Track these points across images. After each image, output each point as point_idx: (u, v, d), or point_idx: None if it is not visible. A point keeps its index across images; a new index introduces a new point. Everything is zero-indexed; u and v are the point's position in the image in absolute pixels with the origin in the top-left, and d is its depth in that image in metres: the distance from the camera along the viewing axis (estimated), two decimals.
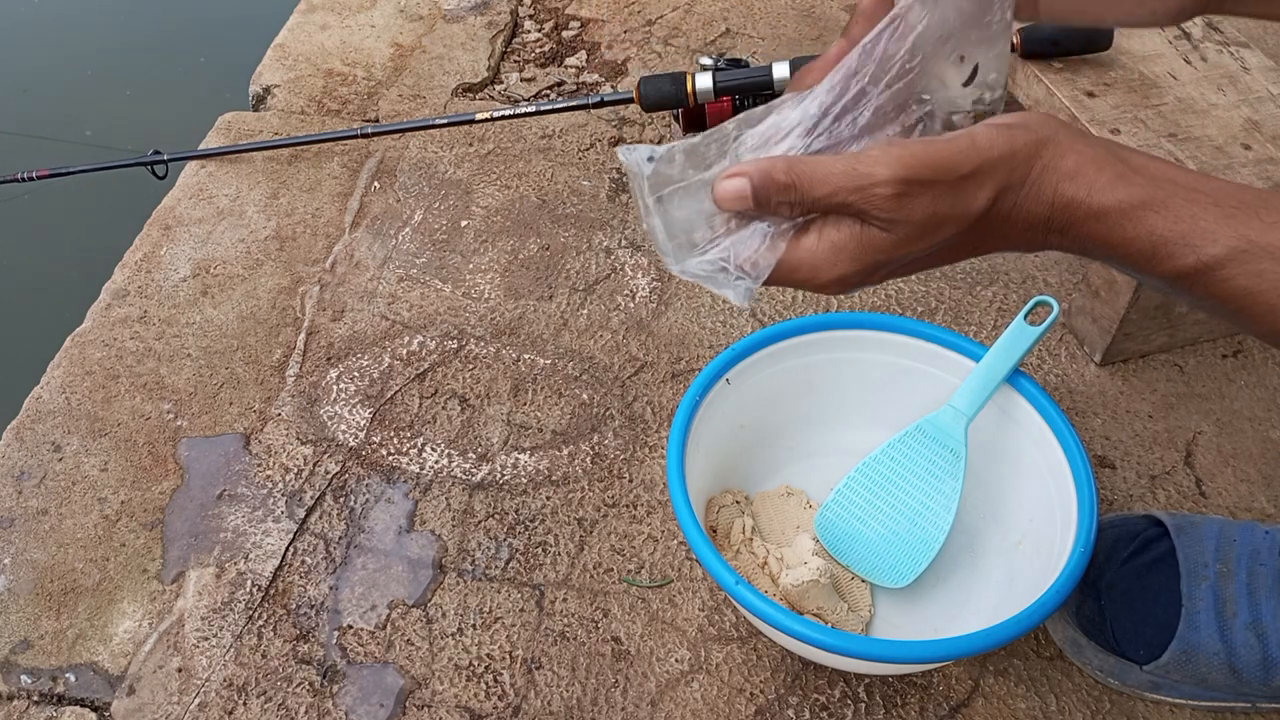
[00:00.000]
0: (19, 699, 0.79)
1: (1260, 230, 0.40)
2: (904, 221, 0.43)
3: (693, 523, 0.70)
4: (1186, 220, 0.40)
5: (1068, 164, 0.42)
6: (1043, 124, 0.44)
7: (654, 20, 1.47)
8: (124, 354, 1.03)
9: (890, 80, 0.45)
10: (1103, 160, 0.42)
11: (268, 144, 1.23)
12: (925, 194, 0.42)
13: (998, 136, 0.43)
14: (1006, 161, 0.42)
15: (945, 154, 0.42)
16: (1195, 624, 0.72)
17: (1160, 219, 0.41)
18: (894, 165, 0.42)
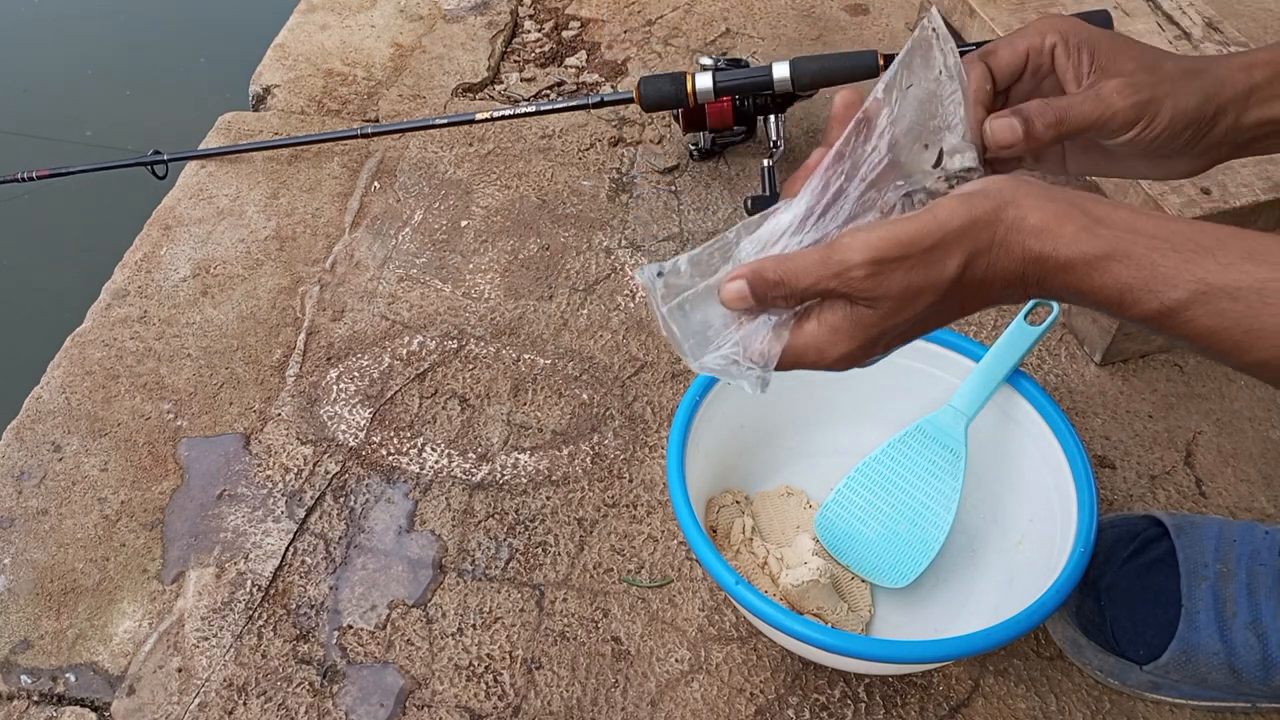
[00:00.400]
0: (19, 699, 0.79)
1: (1217, 272, 0.42)
2: (884, 297, 0.47)
3: (693, 523, 0.70)
4: (1148, 268, 0.43)
5: (1032, 221, 0.46)
6: (1003, 188, 0.47)
7: (654, 20, 1.47)
8: (124, 354, 1.03)
9: (864, 175, 0.51)
10: (1065, 214, 0.45)
11: (268, 144, 1.23)
12: (898, 270, 0.46)
13: (958, 207, 0.46)
14: (969, 230, 0.46)
15: (909, 231, 0.46)
16: (1195, 624, 0.72)
17: (1124, 268, 0.44)
18: (864, 250, 0.46)
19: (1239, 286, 0.42)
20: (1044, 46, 0.58)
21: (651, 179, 1.22)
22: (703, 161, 1.23)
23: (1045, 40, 0.58)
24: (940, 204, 0.47)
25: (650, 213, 1.17)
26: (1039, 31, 0.59)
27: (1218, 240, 0.43)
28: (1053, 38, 0.58)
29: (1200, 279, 0.42)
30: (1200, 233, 0.44)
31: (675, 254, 1.12)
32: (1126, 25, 1.03)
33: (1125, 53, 0.58)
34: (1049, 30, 0.58)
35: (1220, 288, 0.42)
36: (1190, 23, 1.04)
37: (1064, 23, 0.59)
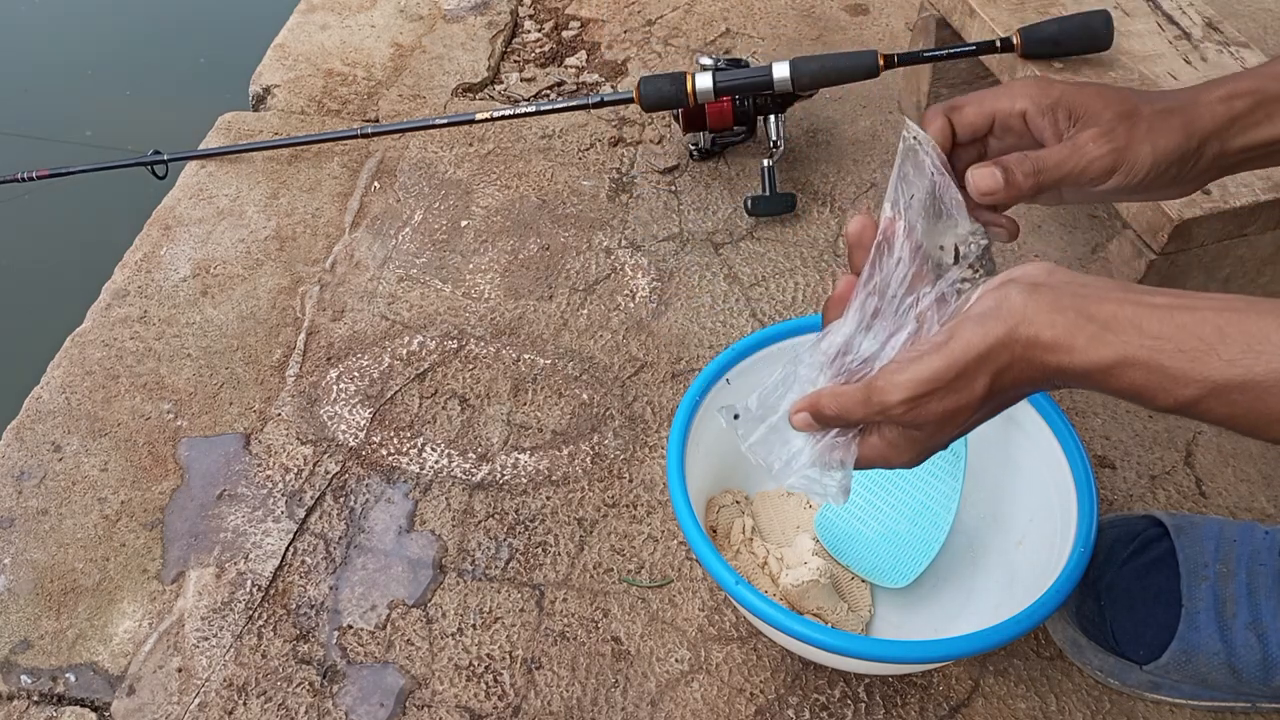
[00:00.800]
0: (19, 699, 0.79)
1: (1222, 369, 0.45)
2: (926, 423, 0.53)
3: (693, 523, 0.70)
4: (1157, 371, 0.46)
5: (1045, 338, 0.49)
6: (1014, 307, 0.50)
7: (654, 20, 1.47)
8: (124, 354, 1.03)
9: (895, 291, 0.57)
10: (1075, 326, 0.48)
11: (268, 144, 1.23)
12: (931, 400, 0.51)
13: (975, 333, 0.50)
14: (988, 355, 0.50)
15: (935, 368, 0.50)
16: (1195, 624, 0.72)
17: (1136, 372, 0.47)
18: (898, 390, 0.51)
19: (1244, 381, 0.44)
20: (1012, 110, 0.60)
21: (651, 179, 1.22)
22: (703, 161, 1.23)
23: (1015, 105, 0.60)
24: (960, 332, 0.50)
25: (650, 213, 1.17)
26: (1009, 96, 0.60)
27: (1219, 333, 0.45)
28: (1022, 103, 0.60)
29: (1206, 378, 0.45)
30: (1201, 324, 0.46)
31: (676, 254, 1.12)
32: (1126, 25, 1.03)
33: (1102, 103, 0.59)
34: (1019, 96, 0.60)
35: (1227, 384, 0.45)
36: (1190, 23, 1.04)
37: (1034, 87, 0.60)
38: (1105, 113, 0.59)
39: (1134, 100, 0.60)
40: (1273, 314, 0.45)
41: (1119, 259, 0.92)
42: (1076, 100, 0.59)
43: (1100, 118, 0.59)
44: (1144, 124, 0.59)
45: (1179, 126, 0.59)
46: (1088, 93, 0.60)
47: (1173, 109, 0.60)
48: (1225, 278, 0.94)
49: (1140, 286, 0.50)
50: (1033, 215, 1.15)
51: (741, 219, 1.16)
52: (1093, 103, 0.59)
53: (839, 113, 1.30)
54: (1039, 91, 0.60)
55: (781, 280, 1.09)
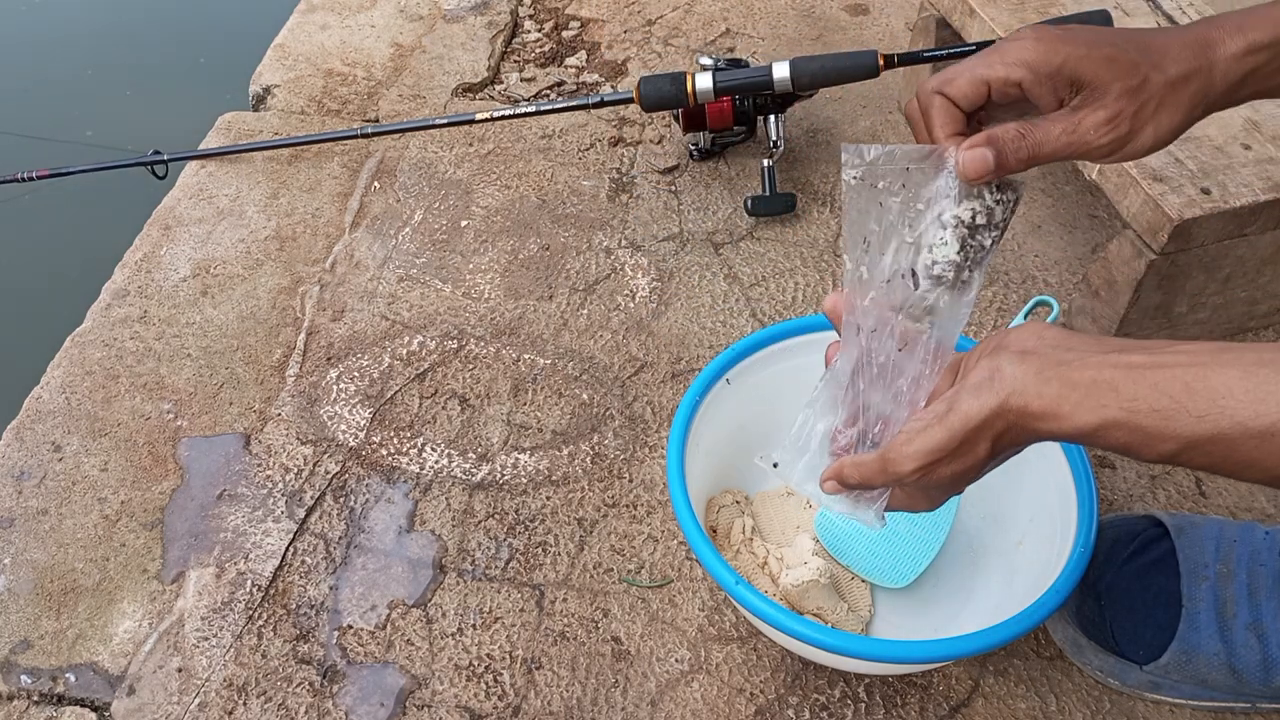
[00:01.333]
0: (19, 699, 0.79)
1: (1192, 425, 0.48)
2: (936, 486, 0.57)
3: (693, 523, 0.70)
4: (1137, 432, 0.49)
5: (1034, 409, 0.51)
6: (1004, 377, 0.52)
7: (654, 20, 1.47)
8: (124, 354, 1.03)
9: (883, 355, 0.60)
10: (1060, 397, 0.51)
11: (268, 144, 1.23)
12: (940, 466, 0.55)
13: (971, 405, 0.53)
14: (985, 424, 0.53)
15: (939, 440, 0.54)
16: (1195, 624, 0.72)
17: (1119, 433, 0.50)
18: (909, 461, 0.55)
19: (1214, 435, 0.47)
20: (1007, 80, 0.58)
21: (651, 179, 1.22)
22: (703, 161, 1.23)
23: (1010, 74, 0.58)
24: (958, 404, 0.53)
25: (650, 213, 1.17)
26: (1005, 62, 0.58)
27: (1187, 390, 0.48)
28: (1018, 71, 0.58)
29: (1179, 435, 0.48)
30: (1171, 382, 0.48)
31: (676, 254, 1.12)
32: (1126, 25, 1.03)
33: (1110, 73, 0.57)
34: (1016, 62, 0.58)
35: (1199, 438, 0.47)
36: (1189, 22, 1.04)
37: (1034, 51, 0.58)
38: (1112, 85, 0.57)
39: (1144, 67, 0.57)
40: (1235, 365, 0.47)
41: (1119, 259, 0.92)
42: (1080, 69, 0.57)
43: (1106, 91, 0.57)
44: (1153, 101, 0.57)
45: (1186, 100, 0.58)
46: (1094, 60, 0.57)
47: (1188, 76, 0.58)
48: (1225, 278, 0.94)
49: (1119, 343, 0.52)
50: (1032, 215, 1.15)
51: (741, 219, 1.16)
52: (1099, 72, 0.57)
53: (839, 113, 1.30)
54: (1038, 58, 0.58)
55: (781, 280, 1.09)
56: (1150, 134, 0.58)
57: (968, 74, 0.59)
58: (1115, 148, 0.58)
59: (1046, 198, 1.17)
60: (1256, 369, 0.47)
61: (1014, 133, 0.57)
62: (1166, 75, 0.58)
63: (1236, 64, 0.58)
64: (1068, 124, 0.57)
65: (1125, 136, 0.58)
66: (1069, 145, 0.58)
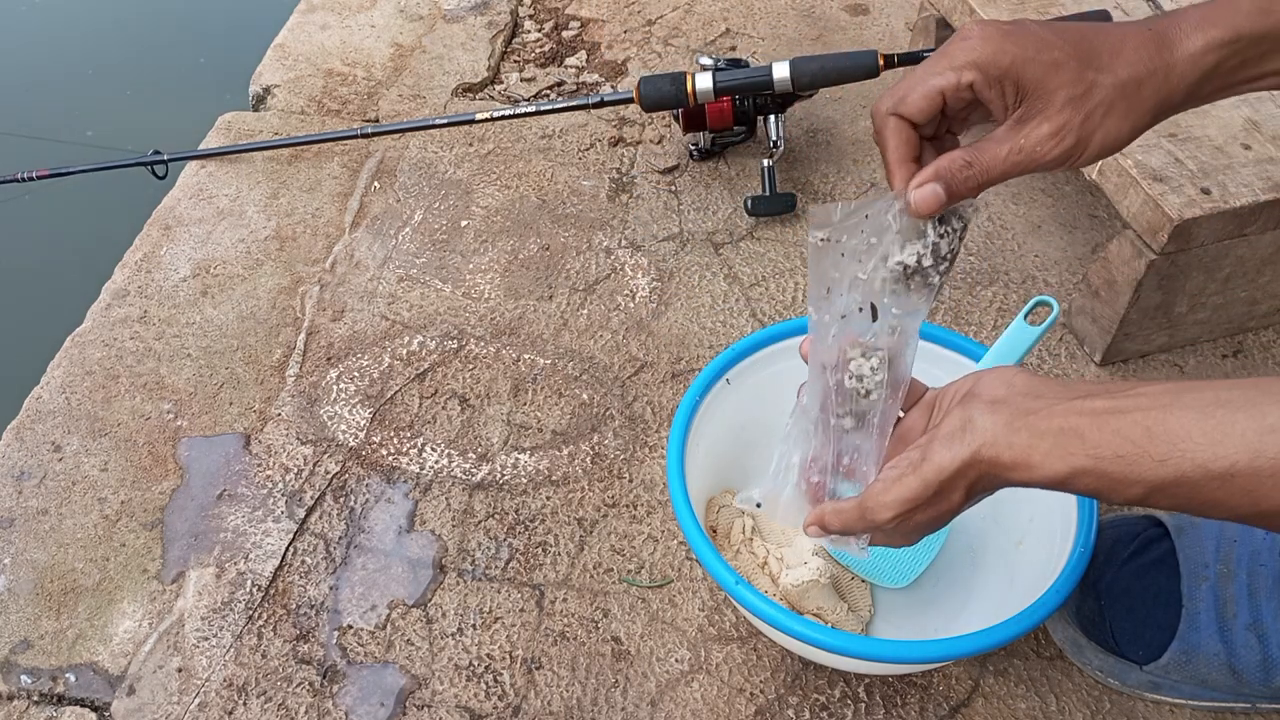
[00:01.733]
0: (19, 699, 0.79)
1: (1154, 469, 0.48)
2: (915, 529, 0.58)
3: (693, 523, 0.70)
4: (1104, 478, 0.50)
5: (1005, 459, 0.52)
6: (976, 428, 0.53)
7: (654, 20, 1.47)
8: (124, 354, 1.03)
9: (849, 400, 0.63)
10: (1029, 447, 0.51)
11: (268, 144, 1.23)
12: (916, 513, 0.56)
13: (944, 457, 0.54)
14: (959, 473, 0.53)
15: (914, 489, 0.55)
16: (1195, 624, 0.72)
17: (1087, 479, 0.50)
18: (886, 510, 0.56)
19: (1177, 478, 0.47)
20: (960, 84, 0.57)
21: (651, 179, 1.22)
22: (703, 161, 1.23)
23: (961, 78, 0.56)
24: (931, 454, 0.54)
25: (650, 213, 1.17)
26: (954, 66, 0.57)
27: (1148, 434, 0.48)
28: (969, 74, 0.56)
29: (1144, 479, 0.48)
30: (1133, 427, 0.49)
31: (676, 254, 1.12)
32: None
33: (1056, 79, 0.55)
34: (965, 65, 0.56)
35: (1163, 482, 0.48)
36: None
37: (984, 49, 0.56)
38: (1057, 94, 0.55)
39: (1091, 73, 0.55)
40: (1193, 407, 0.48)
41: (1119, 259, 0.92)
42: (1025, 74, 0.55)
43: (1050, 101, 0.55)
44: (1100, 108, 0.56)
45: (1144, 101, 0.56)
46: (1039, 64, 0.55)
47: (1140, 80, 0.56)
48: (1225, 278, 0.94)
49: (1085, 388, 0.52)
50: (1032, 215, 1.15)
51: (741, 219, 1.16)
52: (1045, 79, 0.55)
53: (839, 113, 1.30)
54: (986, 58, 0.56)
55: (781, 280, 1.09)
56: (1099, 141, 0.57)
57: (920, 87, 0.58)
58: (1065, 159, 0.57)
59: (1046, 198, 1.17)
60: (1214, 410, 0.47)
61: (960, 161, 0.57)
62: (1117, 78, 0.56)
63: (1196, 63, 0.56)
64: (1013, 143, 0.56)
65: (1074, 148, 0.56)
66: (1017, 164, 0.57)
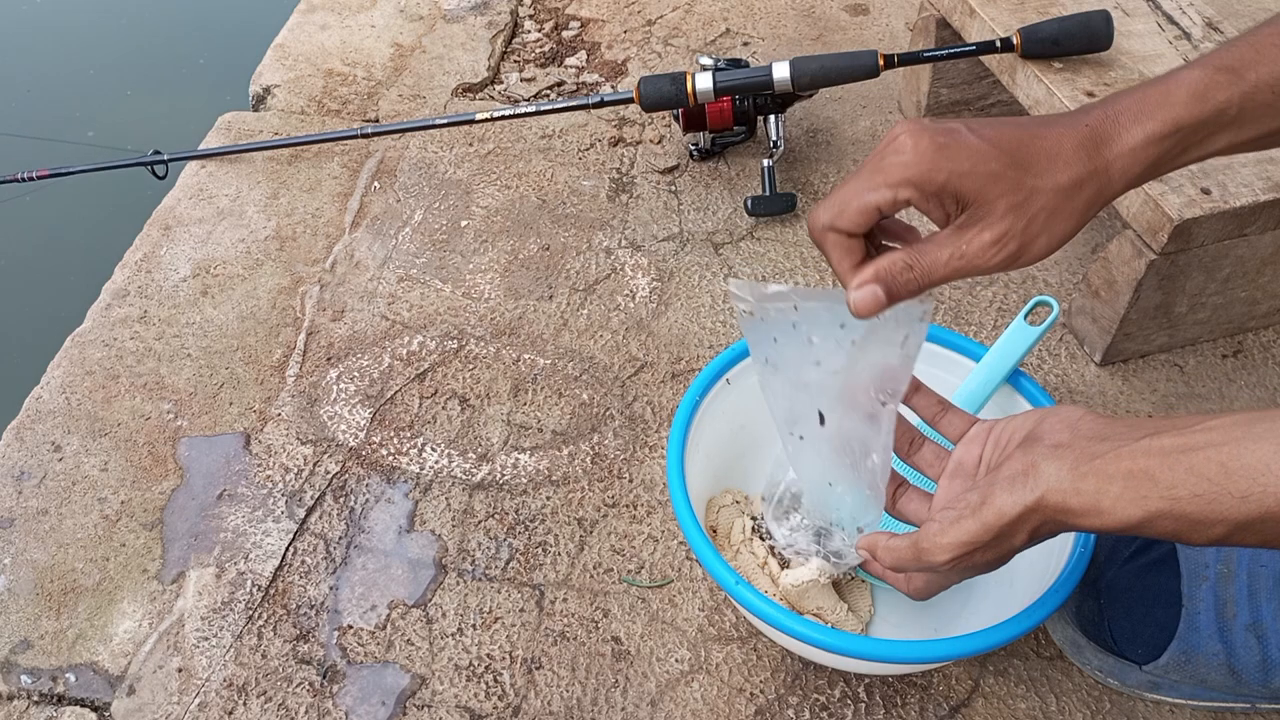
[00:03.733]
0: (19, 699, 0.79)
1: (1237, 506, 0.46)
2: (972, 569, 0.58)
3: (693, 523, 0.70)
4: (1183, 520, 0.48)
5: (1073, 505, 0.51)
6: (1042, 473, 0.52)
7: (654, 20, 1.47)
8: (124, 354, 1.03)
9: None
10: (1099, 493, 0.50)
11: (268, 144, 1.23)
12: (974, 555, 0.56)
13: (1006, 502, 0.53)
14: (1022, 517, 0.53)
15: (974, 532, 0.54)
16: (1195, 625, 0.72)
17: (1165, 522, 0.49)
18: (943, 552, 0.56)
19: (1262, 514, 0.46)
20: (895, 201, 0.56)
21: (651, 179, 1.22)
22: (703, 161, 1.23)
23: (897, 195, 0.55)
24: (992, 498, 0.54)
25: (650, 213, 1.17)
26: (890, 184, 0.55)
27: (1225, 471, 0.47)
28: (905, 191, 0.55)
29: (1227, 518, 0.47)
30: (1207, 464, 0.47)
31: (676, 254, 1.12)
32: (1126, 25, 1.03)
33: (995, 189, 0.55)
34: (900, 182, 0.55)
35: (1248, 519, 0.46)
36: (1190, 23, 1.04)
37: (918, 165, 0.55)
38: (997, 203, 0.55)
39: (1032, 179, 0.55)
40: (1268, 438, 0.46)
41: (1119, 259, 0.92)
42: (963, 188, 0.55)
43: (991, 210, 0.55)
44: (1043, 213, 0.55)
45: (1085, 203, 0.56)
46: (976, 177, 0.54)
47: (1080, 182, 0.55)
48: (1225, 278, 0.94)
49: (1151, 425, 0.51)
50: None
51: (741, 219, 1.16)
52: (983, 189, 0.54)
53: (839, 113, 1.30)
54: (921, 175, 0.55)
55: (781, 280, 1.09)
56: (1043, 244, 0.56)
57: (855, 204, 0.57)
58: (1007, 264, 0.56)
59: None
60: None
61: (901, 264, 0.57)
62: (1056, 183, 0.55)
63: (1136, 157, 0.56)
64: (955, 249, 0.56)
65: (1016, 253, 0.56)
66: (959, 270, 0.56)
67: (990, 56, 1.06)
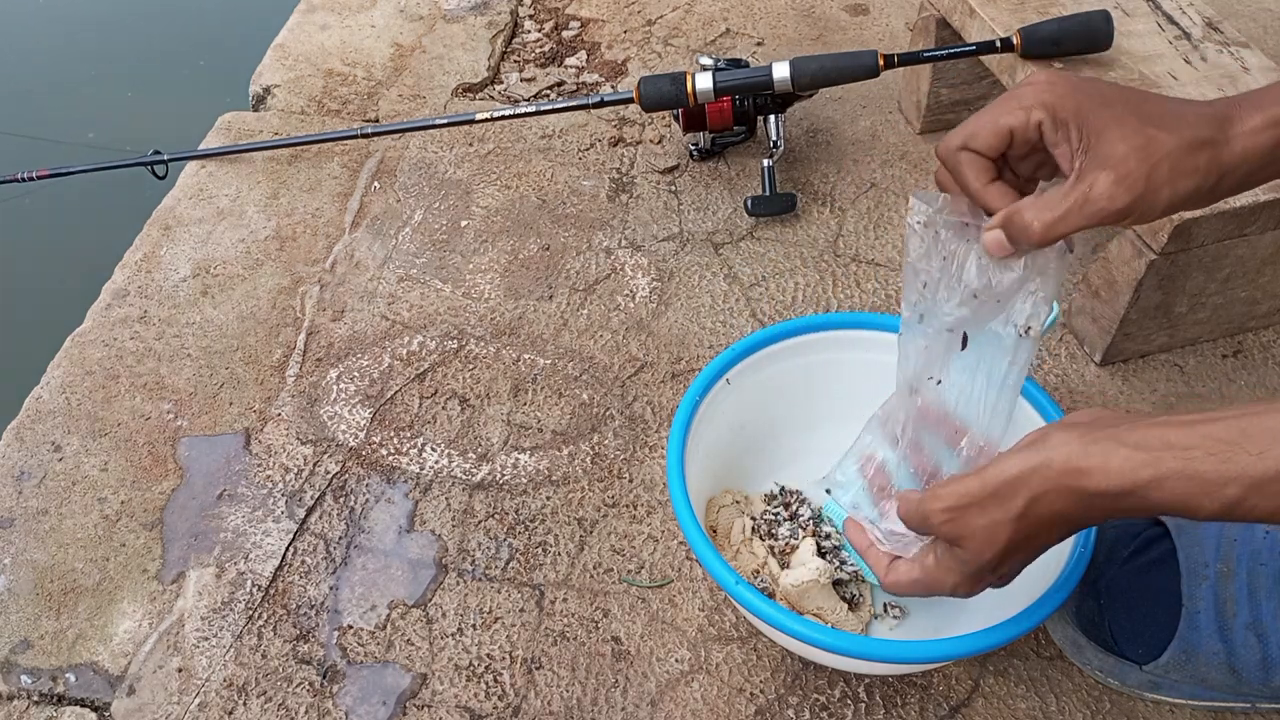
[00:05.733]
0: (19, 699, 0.79)
1: (1253, 463, 0.47)
2: (966, 536, 0.57)
3: (693, 523, 0.70)
4: (1195, 479, 0.48)
5: (1081, 465, 0.51)
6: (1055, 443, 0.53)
7: (654, 20, 1.47)
8: (124, 354, 1.03)
9: None
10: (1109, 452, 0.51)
11: (268, 144, 1.23)
12: (971, 511, 0.55)
13: (1011, 462, 0.54)
14: (1025, 477, 0.53)
15: (974, 486, 0.55)
16: (1195, 624, 0.72)
17: (1175, 484, 0.49)
18: (940, 501, 0.57)
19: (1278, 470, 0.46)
20: (1029, 124, 0.58)
21: (651, 179, 1.22)
22: (703, 161, 1.23)
23: (1030, 117, 0.58)
24: (999, 460, 0.55)
25: (650, 213, 1.17)
26: (1024, 106, 0.58)
27: (1243, 433, 0.47)
28: (1038, 114, 0.58)
29: (1242, 474, 0.47)
30: (1226, 429, 0.48)
31: (676, 254, 1.12)
32: (1126, 25, 1.03)
33: (1119, 132, 0.56)
34: (1035, 105, 0.58)
35: (1264, 476, 0.46)
36: (1190, 23, 1.04)
37: (1052, 93, 0.58)
38: (1120, 145, 0.56)
39: (1154, 129, 0.57)
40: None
41: (1119, 259, 0.92)
42: (1091, 123, 0.57)
43: (1114, 152, 0.56)
44: (1165, 164, 0.56)
45: (1204, 165, 0.57)
46: (1102, 116, 0.57)
47: (1201, 142, 0.57)
48: (1225, 278, 0.94)
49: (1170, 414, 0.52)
50: None
51: (741, 219, 1.16)
52: (1109, 130, 0.57)
53: (839, 113, 1.30)
54: (1054, 100, 0.58)
55: (781, 280, 1.09)
56: (1167, 196, 0.57)
57: (990, 125, 0.59)
58: (1130, 211, 0.57)
59: None
60: None
61: (1032, 213, 0.58)
62: (1180, 137, 0.57)
63: (1254, 138, 0.58)
64: (1079, 195, 0.57)
65: (1139, 199, 0.56)
66: (1083, 216, 0.57)
67: (990, 56, 1.06)
